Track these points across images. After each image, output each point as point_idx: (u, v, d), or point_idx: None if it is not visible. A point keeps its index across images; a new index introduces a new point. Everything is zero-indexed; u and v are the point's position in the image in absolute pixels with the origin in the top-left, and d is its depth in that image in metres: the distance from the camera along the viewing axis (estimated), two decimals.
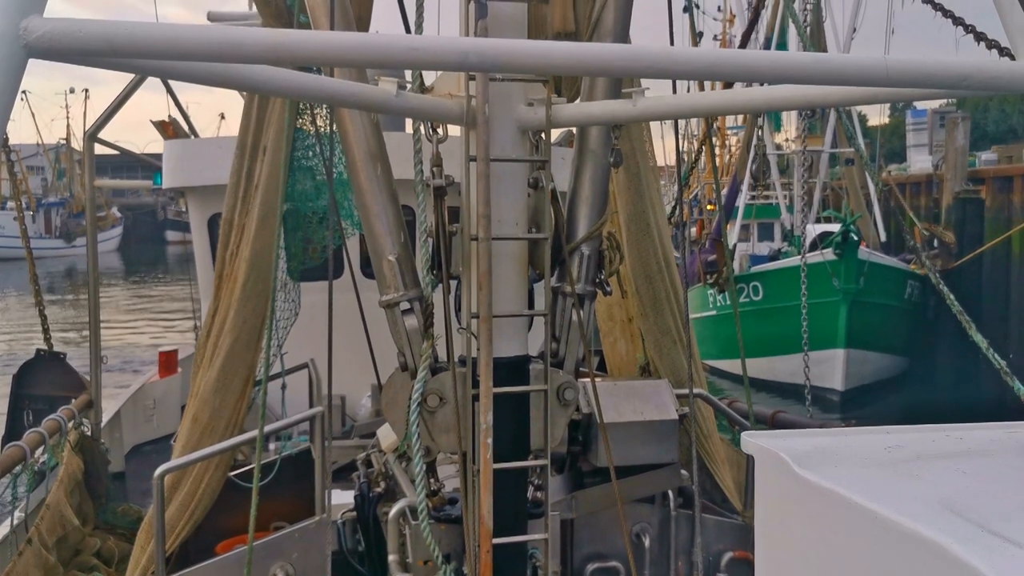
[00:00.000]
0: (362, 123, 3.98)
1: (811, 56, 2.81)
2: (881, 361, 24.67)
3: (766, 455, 1.99)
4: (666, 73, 2.85)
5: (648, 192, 6.24)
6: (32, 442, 7.84)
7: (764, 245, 31.82)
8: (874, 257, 24.62)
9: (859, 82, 2.77)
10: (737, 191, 26.26)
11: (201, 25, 2.59)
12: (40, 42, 2.33)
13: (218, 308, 5.35)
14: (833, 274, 22.67)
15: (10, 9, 2.33)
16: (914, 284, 26.20)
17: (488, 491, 3.64)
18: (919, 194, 36.07)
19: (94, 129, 10.68)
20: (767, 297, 24.10)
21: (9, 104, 2.35)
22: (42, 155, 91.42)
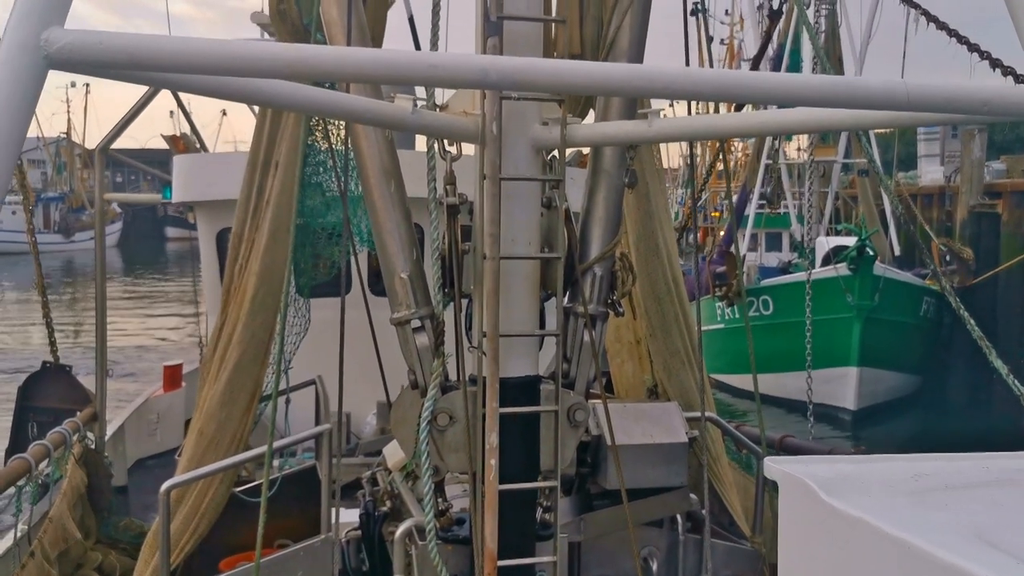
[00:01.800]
0: (376, 140, 3.98)
1: (830, 79, 2.80)
2: (894, 380, 24.12)
3: (791, 481, 1.96)
4: (684, 94, 2.85)
5: (657, 213, 6.23)
6: (37, 455, 7.81)
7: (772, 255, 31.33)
8: (889, 273, 24.09)
9: (878, 106, 2.76)
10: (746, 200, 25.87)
11: (220, 40, 2.59)
12: (60, 53, 2.33)
13: (225, 322, 5.34)
14: (847, 290, 22.11)
15: (31, 20, 2.33)
16: (930, 301, 25.34)
17: (492, 512, 3.61)
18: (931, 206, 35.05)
19: (105, 143, 10.73)
20: (778, 311, 23.52)
21: (29, 114, 2.35)
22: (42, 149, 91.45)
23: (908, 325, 24.46)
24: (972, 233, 30.69)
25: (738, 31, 41.04)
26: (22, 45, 2.33)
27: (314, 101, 2.96)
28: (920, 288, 25.34)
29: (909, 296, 24.77)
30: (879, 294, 22.74)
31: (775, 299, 23.99)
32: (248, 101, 2.91)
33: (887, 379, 23.72)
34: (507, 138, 3.66)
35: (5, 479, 7.08)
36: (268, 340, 5.26)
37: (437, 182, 3.89)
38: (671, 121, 3.72)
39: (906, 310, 24.39)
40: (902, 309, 23.94)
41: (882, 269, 23.60)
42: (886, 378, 23.68)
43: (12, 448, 10.21)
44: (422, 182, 3.96)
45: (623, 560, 5.04)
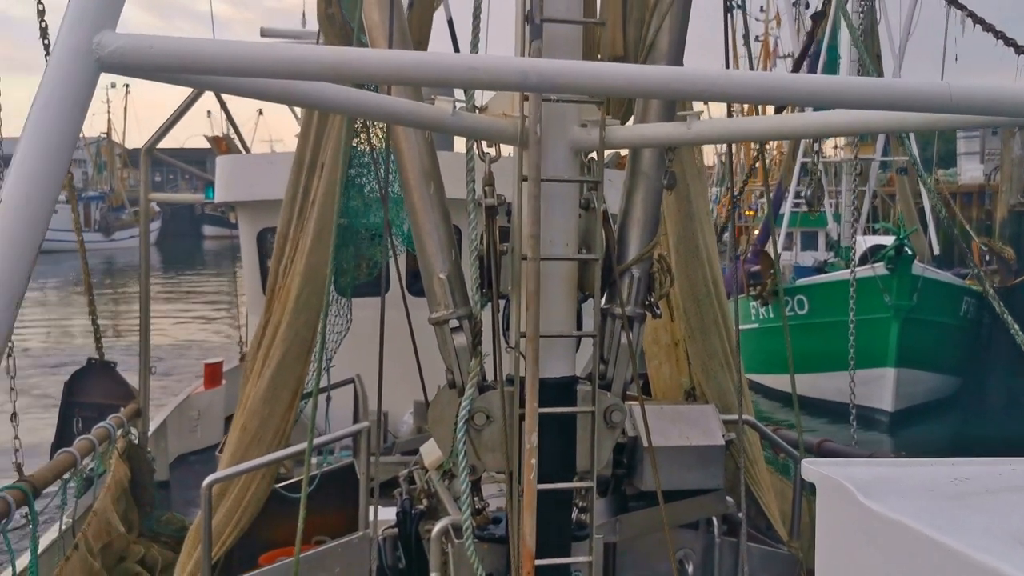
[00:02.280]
0: (417, 142, 4.02)
1: (872, 81, 2.78)
2: (933, 381, 23.70)
3: (829, 483, 1.95)
4: (724, 96, 2.85)
5: (698, 214, 6.22)
6: (82, 449, 7.98)
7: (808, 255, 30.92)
8: (929, 272, 23.68)
9: (921, 108, 2.74)
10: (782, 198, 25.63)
11: (267, 43, 2.64)
12: (112, 57, 2.39)
13: (270, 320, 5.42)
14: (885, 290, 21.80)
15: (83, 24, 2.40)
16: (970, 301, 24.86)
17: (531, 512, 3.63)
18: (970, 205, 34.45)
19: (151, 143, 10.93)
20: (813, 311, 23.16)
21: (81, 117, 2.41)
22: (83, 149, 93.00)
23: (947, 325, 24.02)
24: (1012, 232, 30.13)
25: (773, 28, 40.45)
26: (75, 49, 2.39)
27: (356, 103, 3.00)
28: (960, 288, 24.91)
29: (948, 296, 24.35)
30: (918, 294, 22.35)
31: (810, 299, 23.69)
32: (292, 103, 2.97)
33: (925, 380, 23.32)
34: (546, 140, 3.68)
35: (52, 472, 7.24)
36: (311, 338, 5.33)
37: (476, 183, 3.92)
38: (710, 123, 3.71)
39: (945, 310, 23.95)
40: (941, 309, 23.52)
41: (921, 269, 23.24)
42: (924, 379, 23.28)
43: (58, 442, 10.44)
44: (460, 183, 4.00)
45: (658, 562, 5.04)
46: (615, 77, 2.75)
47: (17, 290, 2.33)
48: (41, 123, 2.38)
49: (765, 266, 22.94)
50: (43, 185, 2.38)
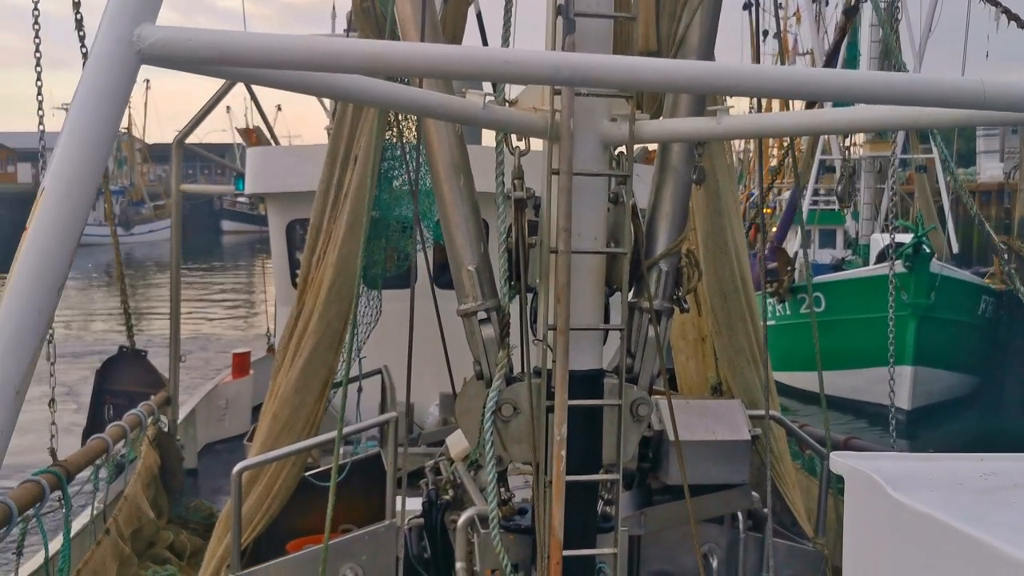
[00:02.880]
0: (447, 135, 4.05)
1: (904, 76, 2.78)
2: (951, 380, 23.61)
3: (858, 476, 1.96)
4: (755, 91, 2.86)
5: (726, 210, 6.21)
6: (114, 435, 8.11)
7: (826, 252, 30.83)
8: (947, 271, 23.68)
9: (954, 104, 2.73)
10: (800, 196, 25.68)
11: (304, 36, 2.68)
12: (152, 49, 2.44)
13: (301, 311, 5.48)
14: (902, 288, 21.59)
15: (124, 16, 2.44)
16: (988, 300, 25.02)
17: (560, 503, 3.65)
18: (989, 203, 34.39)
19: (182, 135, 11.05)
20: (829, 309, 23.05)
21: (122, 108, 2.46)
22: None
23: (965, 324, 23.95)
24: None
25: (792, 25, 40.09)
26: (116, 41, 2.44)
27: (390, 96, 3.03)
28: (978, 287, 24.88)
29: (967, 295, 24.29)
30: (935, 292, 22.32)
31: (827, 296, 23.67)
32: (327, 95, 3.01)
33: (943, 378, 23.24)
34: (576, 134, 3.69)
35: (85, 458, 7.37)
36: (342, 329, 5.38)
37: (506, 176, 3.94)
38: (740, 118, 3.71)
39: (963, 309, 23.90)
40: (960, 308, 23.49)
41: (939, 267, 23.20)
42: (942, 377, 23.20)
43: (89, 428, 10.61)
44: (487, 177, 4.03)
45: (682, 556, 5.05)
46: (647, 71, 2.76)
47: (59, 276, 2.39)
48: (82, 114, 2.44)
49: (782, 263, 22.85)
50: (84, 175, 2.43)
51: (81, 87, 2.45)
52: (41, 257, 2.37)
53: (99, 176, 2.49)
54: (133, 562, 7.91)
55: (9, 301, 2.33)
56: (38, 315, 2.33)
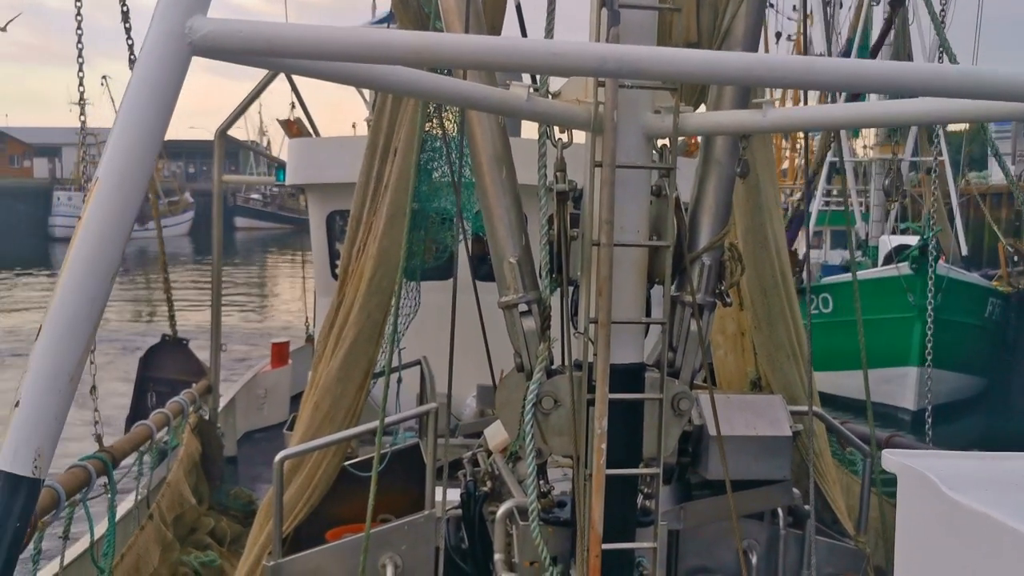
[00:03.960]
0: (490, 127, 4.05)
1: (957, 68, 2.74)
2: (957, 381, 23.66)
3: (911, 475, 1.93)
4: (805, 84, 2.82)
5: (767, 205, 6.15)
6: (157, 422, 8.25)
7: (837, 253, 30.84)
8: (953, 273, 23.92)
9: (1008, 97, 2.67)
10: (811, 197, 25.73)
11: (351, 27, 2.69)
12: (204, 41, 2.46)
13: (342, 301, 5.52)
14: (908, 289, 22.08)
15: (177, 9, 2.47)
16: (995, 302, 25.27)
17: (600, 497, 3.65)
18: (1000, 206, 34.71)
19: (224, 127, 11.17)
20: (837, 310, 23.30)
21: (173, 100, 2.49)
22: None
23: (972, 326, 24.12)
24: None
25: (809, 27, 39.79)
26: (168, 33, 2.47)
27: (435, 87, 3.04)
28: (985, 289, 25.07)
29: (973, 297, 24.49)
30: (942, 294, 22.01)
31: (835, 297, 23.72)
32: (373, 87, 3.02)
33: (949, 380, 23.09)
34: (619, 126, 3.67)
35: (130, 444, 7.50)
36: (383, 320, 5.41)
37: (548, 169, 3.93)
38: (787, 111, 3.68)
39: (970, 311, 24.09)
40: (966, 310, 23.70)
41: (945, 269, 23.35)
42: (948, 379, 22.98)
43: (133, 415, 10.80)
44: (527, 169, 4.02)
45: (721, 551, 5.03)
46: (694, 63, 2.74)
47: (112, 264, 2.42)
48: (135, 105, 2.47)
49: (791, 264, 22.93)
50: (137, 165, 2.47)
51: (134, 79, 2.48)
52: (94, 247, 2.40)
53: (151, 167, 2.52)
54: (175, 547, 8.05)
55: (63, 290, 2.38)
56: (91, 304, 2.37)
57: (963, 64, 4.25)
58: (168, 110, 2.51)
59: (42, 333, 2.34)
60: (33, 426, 2.30)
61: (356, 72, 2.83)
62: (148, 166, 2.49)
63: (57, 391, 2.33)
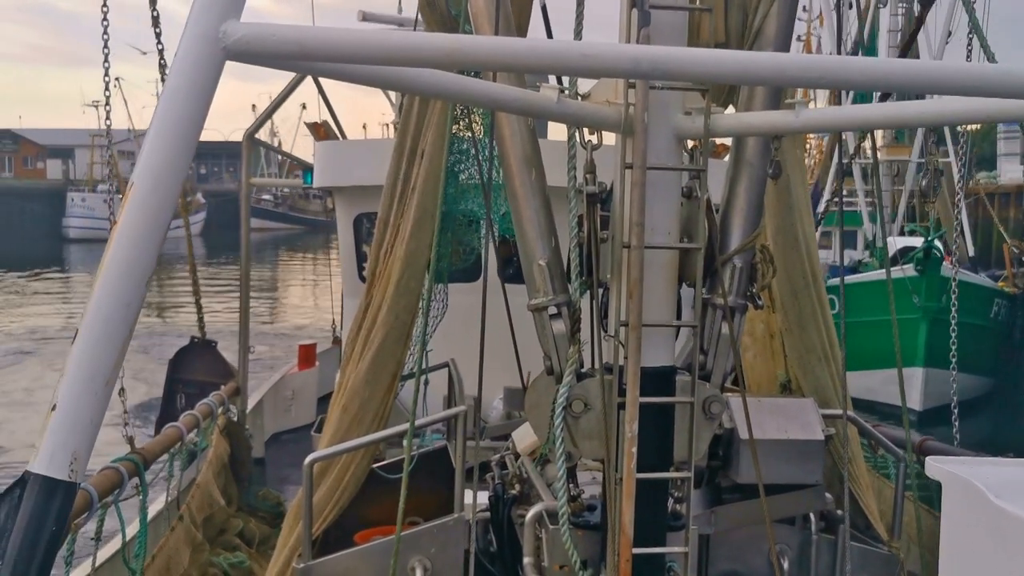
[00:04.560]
0: (519, 128, 4.04)
1: (994, 67, 2.69)
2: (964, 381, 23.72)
3: (957, 482, 1.89)
4: (840, 84, 2.79)
5: (798, 206, 6.09)
6: (187, 424, 8.31)
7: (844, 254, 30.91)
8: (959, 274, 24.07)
9: None
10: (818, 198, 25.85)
11: (382, 30, 2.69)
12: (237, 45, 2.47)
13: (370, 304, 5.53)
14: (913, 291, 22.30)
15: (211, 13, 2.48)
16: (1001, 303, 25.55)
17: (630, 500, 3.62)
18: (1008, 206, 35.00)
19: (252, 129, 11.24)
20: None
21: (207, 103, 2.51)
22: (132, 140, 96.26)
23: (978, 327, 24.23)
24: None
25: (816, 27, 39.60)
26: (202, 37, 2.48)
27: (465, 90, 3.04)
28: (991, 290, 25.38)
29: (979, 298, 24.68)
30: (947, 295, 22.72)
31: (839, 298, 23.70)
32: (403, 90, 3.02)
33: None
34: (649, 127, 3.65)
35: (160, 446, 7.56)
36: (411, 322, 5.42)
37: (578, 171, 3.91)
38: (820, 112, 3.63)
39: (975, 312, 24.22)
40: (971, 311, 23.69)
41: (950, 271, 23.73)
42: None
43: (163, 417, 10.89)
44: (555, 171, 4.00)
45: (752, 555, 4.98)
46: (727, 64, 2.72)
47: (147, 269, 2.44)
48: (170, 110, 2.49)
49: None
50: (171, 169, 2.48)
51: (168, 84, 2.50)
52: (129, 250, 2.42)
53: (185, 170, 2.54)
54: (205, 548, 8.09)
55: (99, 293, 2.39)
56: (127, 307, 2.39)
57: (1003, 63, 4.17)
58: (202, 114, 2.52)
59: (78, 337, 2.35)
60: (69, 430, 2.32)
61: (386, 75, 2.83)
62: (182, 169, 2.51)
63: (93, 394, 2.35)
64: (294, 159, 15.57)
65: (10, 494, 2.29)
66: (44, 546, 2.27)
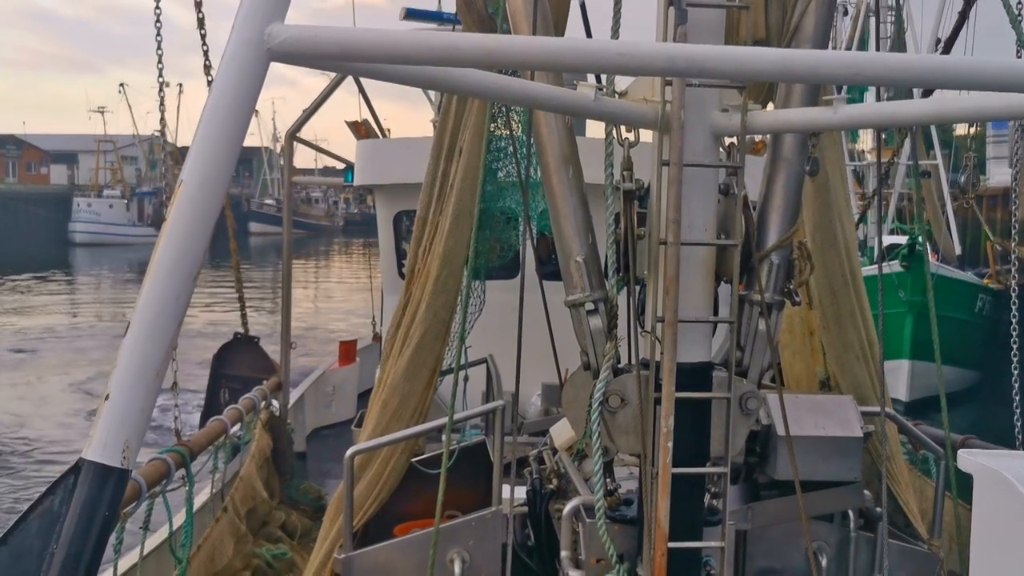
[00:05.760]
0: (556, 126, 4.08)
1: None
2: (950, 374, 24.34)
3: (989, 475, 1.90)
4: (877, 80, 2.79)
5: (836, 203, 6.06)
6: (231, 417, 8.47)
7: None
8: (943, 270, 25.30)
9: None
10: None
11: (422, 31, 2.75)
12: (281, 47, 2.55)
13: (409, 301, 5.60)
14: (900, 286, 23.27)
15: (255, 16, 2.56)
16: (985, 298, 26.98)
17: (666, 495, 3.65)
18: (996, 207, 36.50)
19: (294, 128, 11.41)
20: None
21: (252, 104, 2.58)
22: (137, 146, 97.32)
23: (962, 321, 25.23)
24: None
25: None
26: (248, 40, 2.56)
27: (503, 88, 3.08)
28: (975, 286, 26.71)
29: (963, 293, 25.91)
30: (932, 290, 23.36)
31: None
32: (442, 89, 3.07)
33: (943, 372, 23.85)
34: (686, 125, 3.66)
35: (206, 438, 7.71)
36: (449, 319, 5.48)
37: (615, 168, 3.94)
38: (858, 107, 3.61)
39: (960, 306, 25.39)
40: (955, 305, 24.97)
41: (935, 266, 24.51)
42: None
43: (207, 411, 11.10)
44: (593, 168, 4.02)
45: (789, 552, 4.97)
46: (763, 62, 2.74)
47: (195, 264, 2.52)
48: (217, 109, 2.57)
49: None
50: (218, 166, 2.57)
51: (215, 85, 2.58)
52: (179, 246, 2.50)
53: (231, 168, 2.62)
54: (248, 540, 8.25)
55: (149, 287, 2.48)
56: (176, 301, 2.47)
57: None
58: (248, 114, 2.60)
59: (130, 330, 2.44)
60: (122, 418, 2.41)
61: (426, 74, 2.89)
62: (229, 168, 2.59)
63: (144, 385, 2.43)
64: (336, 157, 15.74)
65: (64, 480, 2.37)
66: (97, 531, 2.36)
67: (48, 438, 20.10)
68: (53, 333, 36.12)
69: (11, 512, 15.14)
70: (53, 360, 29.82)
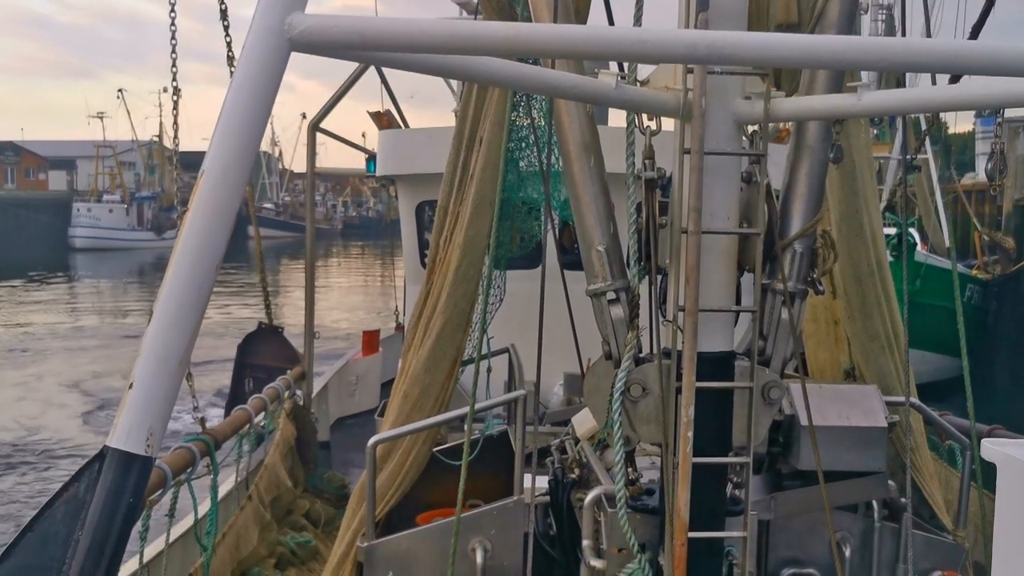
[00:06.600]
0: (578, 115, 4.06)
1: None
2: (938, 362, 24.75)
3: (1013, 464, 1.88)
4: (902, 66, 2.76)
5: (863, 191, 6.00)
6: (256, 407, 8.53)
7: None
8: (931, 260, 25.24)
9: None
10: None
11: (442, 20, 2.74)
12: (302, 36, 2.55)
13: (430, 291, 5.61)
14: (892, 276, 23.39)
15: (276, 6, 2.56)
16: (973, 288, 27.27)
17: (686, 484, 3.64)
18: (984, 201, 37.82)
19: (317, 119, 11.44)
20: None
21: (273, 94, 2.59)
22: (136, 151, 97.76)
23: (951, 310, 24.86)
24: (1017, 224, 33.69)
25: None
26: (269, 29, 2.56)
27: (524, 77, 3.07)
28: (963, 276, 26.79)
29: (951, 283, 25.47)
30: (920, 280, 23.90)
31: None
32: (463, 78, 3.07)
33: (930, 360, 24.46)
34: (708, 113, 3.64)
35: (231, 427, 7.78)
36: (470, 309, 5.49)
37: (636, 156, 3.92)
38: (882, 94, 3.58)
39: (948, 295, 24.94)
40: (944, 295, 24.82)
41: (924, 256, 24.66)
42: (929, 359, 24.37)
43: (232, 400, 11.20)
44: (614, 158, 4.01)
45: (813, 542, 4.95)
46: (786, 48, 2.71)
47: (217, 254, 2.53)
48: (238, 100, 2.57)
49: None
50: (239, 156, 2.57)
51: (236, 75, 2.59)
52: (200, 236, 2.52)
53: (253, 158, 2.63)
54: (273, 528, 8.32)
55: (172, 278, 2.50)
56: (198, 291, 2.49)
57: None
58: (269, 104, 2.61)
59: (153, 319, 2.46)
60: (145, 406, 2.43)
61: (447, 64, 2.88)
62: (250, 158, 2.60)
63: (168, 374, 2.45)
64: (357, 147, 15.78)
65: (89, 468, 2.40)
66: (121, 518, 2.38)
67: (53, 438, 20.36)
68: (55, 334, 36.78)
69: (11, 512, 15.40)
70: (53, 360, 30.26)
